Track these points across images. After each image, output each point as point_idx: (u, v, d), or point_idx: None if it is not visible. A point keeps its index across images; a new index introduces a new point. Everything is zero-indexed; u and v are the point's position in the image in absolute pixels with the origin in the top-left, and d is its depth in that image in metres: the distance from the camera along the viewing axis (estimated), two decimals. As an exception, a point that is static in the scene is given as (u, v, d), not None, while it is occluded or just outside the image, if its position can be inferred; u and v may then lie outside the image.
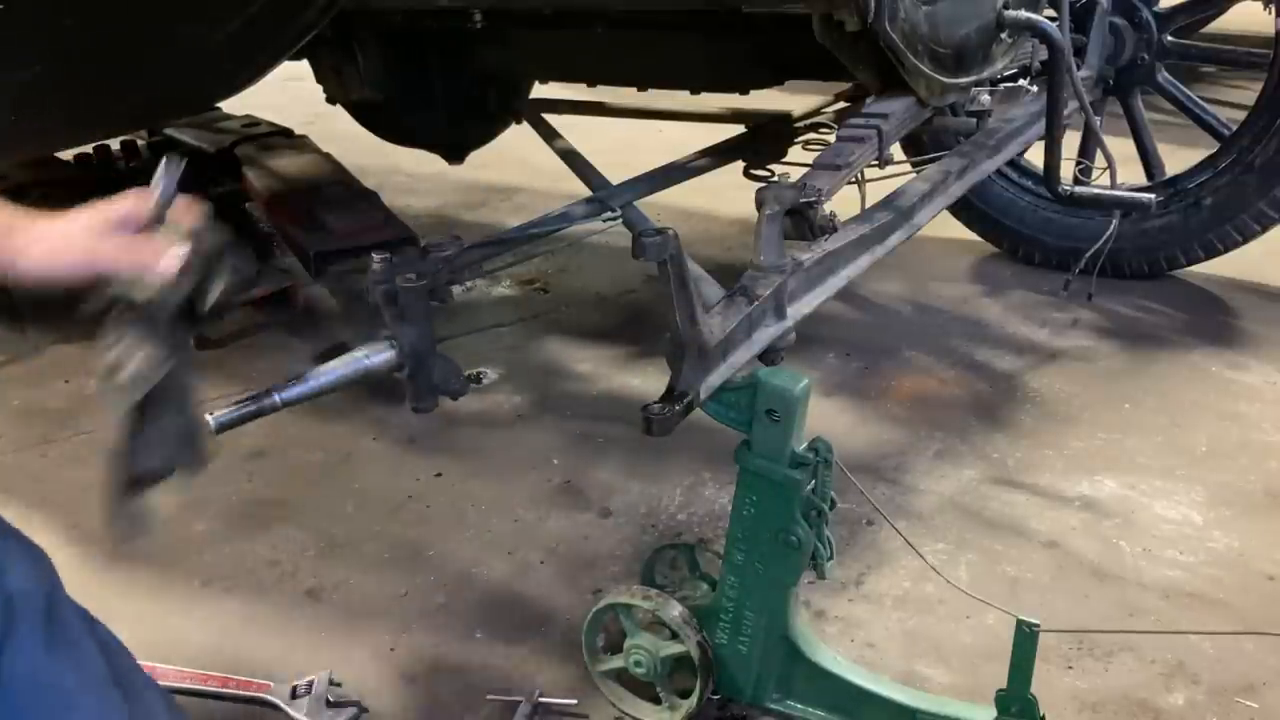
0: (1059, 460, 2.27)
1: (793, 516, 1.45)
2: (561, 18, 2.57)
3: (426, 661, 1.77)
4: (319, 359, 1.56)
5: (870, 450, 2.33)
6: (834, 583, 1.88)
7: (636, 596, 1.58)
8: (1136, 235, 2.96)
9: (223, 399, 1.33)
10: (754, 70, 2.65)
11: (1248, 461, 2.25)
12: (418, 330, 1.58)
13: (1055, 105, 2.27)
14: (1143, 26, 2.96)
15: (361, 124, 3.59)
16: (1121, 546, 2.00)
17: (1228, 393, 2.52)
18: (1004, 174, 3.12)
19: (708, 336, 1.46)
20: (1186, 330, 2.84)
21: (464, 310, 3.06)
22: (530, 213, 3.29)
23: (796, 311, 1.68)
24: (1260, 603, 1.85)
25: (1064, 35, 2.30)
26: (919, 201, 2.07)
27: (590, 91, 3.16)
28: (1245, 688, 1.66)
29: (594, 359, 2.79)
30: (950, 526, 2.07)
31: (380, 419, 2.47)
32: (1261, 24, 2.96)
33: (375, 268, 1.62)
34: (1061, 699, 1.64)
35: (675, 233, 1.36)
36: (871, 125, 1.96)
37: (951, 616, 1.83)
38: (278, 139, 3.43)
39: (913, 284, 3.16)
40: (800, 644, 1.55)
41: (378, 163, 3.96)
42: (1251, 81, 3.11)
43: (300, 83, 3.61)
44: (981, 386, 2.59)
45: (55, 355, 2.87)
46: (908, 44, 1.92)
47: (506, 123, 3.36)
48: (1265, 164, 2.80)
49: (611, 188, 2.43)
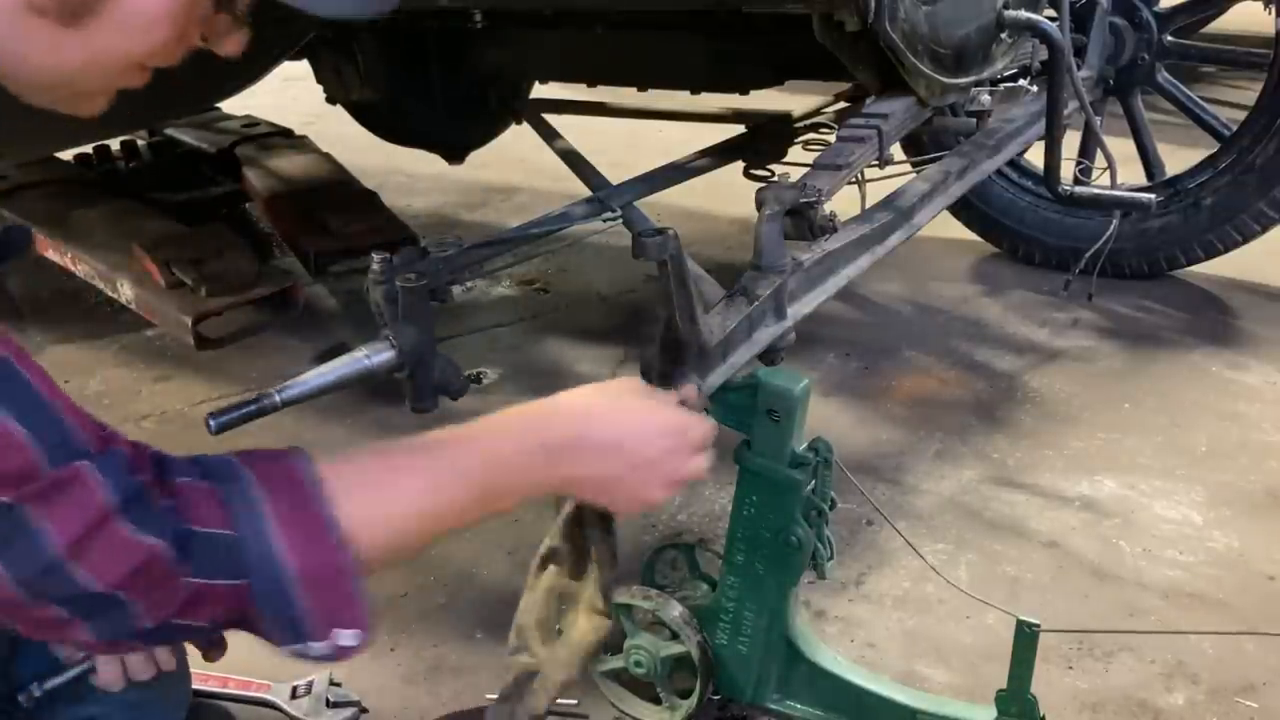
0: (1059, 460, 2.27)
1: (793, 516, 1.45)
2: (561, 18, 2.57)
3: (426, 661, 1.77)
4: (319, 359, 1.56)
5: (870, 450, 2.33)
6: (834, 583, 1.88)
7: (637, 596, 1.58)
8: (1136, 235, 2.96)
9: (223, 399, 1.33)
10: (754, 70, 2.65)
11: (1248, 461, 2.25)
12: (418, 330, 1.58)
13: (1055, 105, 2.27)
14: (1143, 26, 2.96)
15: (361, 124, 3.58)
16: (1121, 546, 2.00)
17: (1228, 393, 2.52)
18: (1004, 174, 3.12)
19: (708, 336, 1.46)
20: (1186, 330, 2.84)
21: (464, 310, 3.06)
22: (530, 213, 3.28)
23: (796, 311, 1.68)
24: (1260, 603, 1.85)
25: (1064, 35, 2.30)
26: (919, 201, 2.07)
27: (590, 91, 3.16)
28: (1245, 688, 1.66)
29: (594, 359, 2.79)
30: (950, 526, 2.07)
31: (380, 419, 2.47)
32: (1261, 24, 2.96)
33: (375, 268, 1.62)
34: (1061, 699, 1.64)
35: (675, 232, 1.36)
36: (871, 125, 1.96)
37: (951, 616, 1.83)
38: (278, 139, 3.42)
39: (913, 284, 3.16)
40: (800, 644, 1.55)
41: (378, 163, 3.96)
42: (1251, 81, 3.11)
43: (300, 83, 3.62)
44: (981, 386, 2.59)
45: (55, 355, 2.87)
46: (908, 44, 1.92)
47: (506, 123, 3.35)
48: (1265, 164, 2.80)
49: (611, 188, 2.43)
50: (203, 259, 2.44)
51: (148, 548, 0.85)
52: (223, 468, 0.93)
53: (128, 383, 2.71)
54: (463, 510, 1.04)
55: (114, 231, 2.69)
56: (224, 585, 0.89)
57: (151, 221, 2.76)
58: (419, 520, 1.02)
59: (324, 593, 0.93)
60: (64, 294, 3.12)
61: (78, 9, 0.82)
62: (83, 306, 3.09)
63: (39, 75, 0.86)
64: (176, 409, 2.57)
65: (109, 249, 2.63)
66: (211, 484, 0.91)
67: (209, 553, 0.88)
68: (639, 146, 3.41)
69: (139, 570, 0.85)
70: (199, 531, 0.88)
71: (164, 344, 2.85)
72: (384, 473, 1.02)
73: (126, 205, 2.88)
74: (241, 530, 0.89)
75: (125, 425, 2.51)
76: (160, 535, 0.86)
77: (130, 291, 2.51)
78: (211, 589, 0.89)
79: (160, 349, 2.85)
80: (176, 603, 0.88)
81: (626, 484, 1.11)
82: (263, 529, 0.90)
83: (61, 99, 0.90)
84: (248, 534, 0.89)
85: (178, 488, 0.89)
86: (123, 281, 2.52)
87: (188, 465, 0.92)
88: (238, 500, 0.90)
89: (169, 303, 2.41)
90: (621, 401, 1.14)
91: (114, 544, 0.84)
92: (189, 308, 2.35)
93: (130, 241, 2.57)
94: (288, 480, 0.93)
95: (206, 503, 0.89)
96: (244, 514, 0.90)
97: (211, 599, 0.89)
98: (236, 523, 0.89)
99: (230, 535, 0.89)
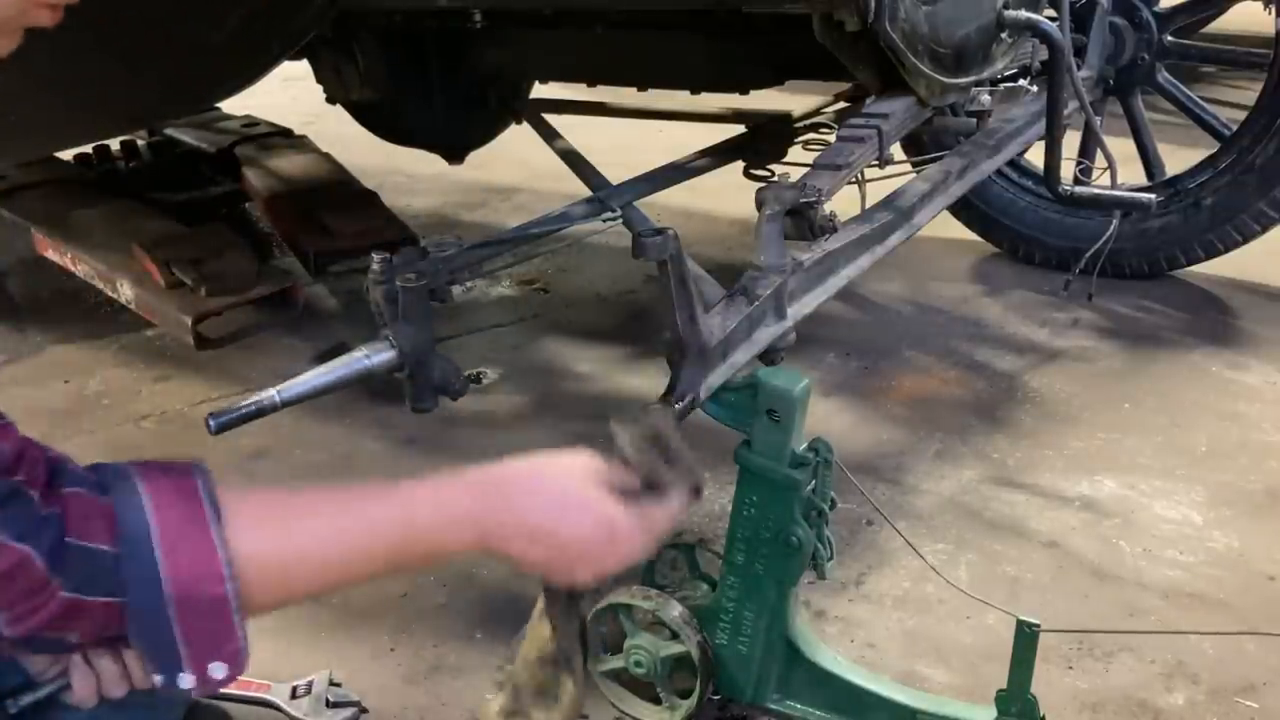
0: (1059, 460, 2.27)
1: (793, 516, 1.45)
2: (561, 18, 2.57)
3: (426, 661, 1.77)
4: (319, 359, 1.56)
5: (870, 450, 2.33)
6: (834, 583, 1.88)
7: (637, 597, 1.58)
8: (1136, 235, 2.96)
9: (223, 399, 1.33)
10: (754, 70, 2.65)
11: (1248, 461, 2.25)
12: (418, 330, 1.58)
13: (1055, 105, 2.27)
14: (1143, 26, 2.96)
15: (361, 124, 3.58)
16: (1121, 546, 2.00)
17: (1228, 393, 2.52)
18: (1004, 174, 3.12)
19: (708, 336, 1.46)
20: (1186, 330, 2.84)
21: (464, 310, 3.06)
22: (530, 213, 3.28)
23: (796, 311, 1.68)
24: (1260, 603, 1.85)
25: (1064, 35, 2.30)
26: (919, 201, 2.08)
27: (590, 91, 3.16)
28: (1245, 688, 1.66)
29: (594, 359, 2.79)
30: (950, 526, 2.07)
31: (380, 419, 2.47)
32: (1261, 24, 2.96)
33: (375, 268, 1.62)
34: (1061, 699, 1.64)
35: (675, 233, 1.37)
36: (871, 125, 1.96)
37: (951, 616, 1.83)
38: (278, 139, 3.42)
39: (913, 284, 3.16)
40: (800, 644, 1.54)
41: (378, 163, 3.96)
42: (1251, 81, 3.11)
43: (300, 83, 3.62)
44: (981, 386, 2.59)
45: (55, 355, 2.87)
46: (908, 44, 1.92)
47: (506, 123, 3.35)
48: (1265, 164, 2.80)
49: (611, 188, 2.43)
50: (203, 259, 2.44)
51: (17, 553, 0.82)
52: (117, 480, 0.90)
53: (128, 383, 2.71)
54: (368, 563, 1.01)
55: (114, 231, 2.69)
56: (98, 602, 0.86)
57: (151, 221, 2.77)
58: (314, 564, 0.98)
59: (202, 621, 0.89)
60: (64, 294, 3.12)
61: None
62: (83, 306, 3.08)
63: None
64: (176, 409, 2.57)
65: (109, 249, 2.63)
66: (100, 497, 0.88)
67: (85, 567, 0.85)
68: (639, 146, 3.40)
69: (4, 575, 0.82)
70: (77, 545, 0.85)
71: (164, 344, 2.85)
72: (287, 510, 0.99)
73: (126, 205, 2.89)
74: (123, 548, 0.87)
75: (125, 425, 2.51)
76: (34, 543, 0.83)
77: (130, 291, 2.51)
78: (85, 604, 0.86)
79: (160, 349, 2.85)
80: (47, 614, 0.85)
81: (554, 567, 1.10)
82: (146, 549, 0.87)
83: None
84: (129, 552, 0.87)
85: (66, 497, 0.87)
86: (123, 281, 2.53)
87: (82, 475, 0.90)
88: (125, 515, 0.88)
89: (169, 303, 2.41)
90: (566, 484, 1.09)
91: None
92: (189, 308, 2.35)
93: (130, 241, 2.58)
94: (184, 497, 0.91)
95: (92, 515, 0.87)
96: (129, 531, 0.87)
97: (86, 614, 0.86)
98: (120, 539, 0.87)
99: (110, 552, 0.86)
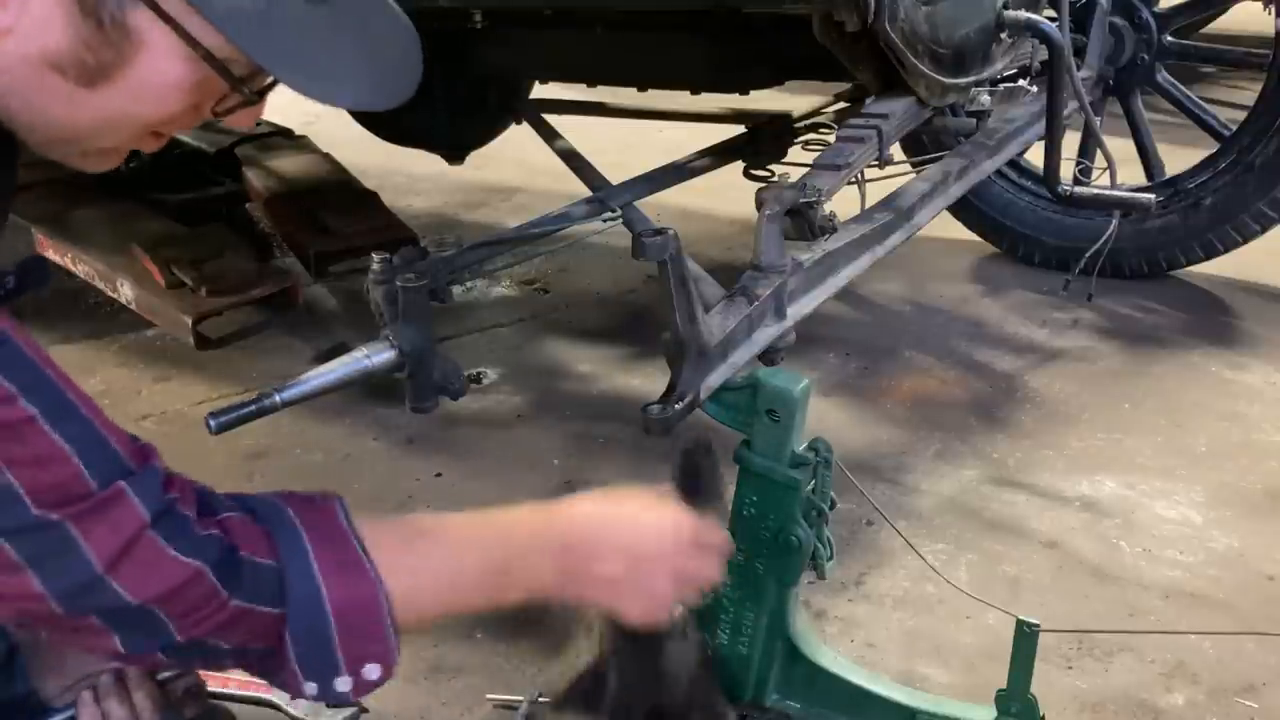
0: (1059, 460, 2.27)
1: (793, 516, 1.45)
2: (561, 18, 2.57)
3: (426, 661, 1.77)
4: (319, 359, 1.57)
5: (870, 450, 2.33)
6: (834, 583, 1.88)
7: (636, 596, 1.58)
8: (1136, 235, 2.96)
9: (223, 399, 1.34)
10: (754, 70, 2.65)
11: (1248, 461, 2.25)
12: (418, 330, 1.58)
13: (1055, 105, 2.27)
14: (1142, 26, 2.96)
15: (361, 124, 3.59)
16: (1121, 546, 2.00)
17: (1228, 393, 2.52)
18: (1004, 174, 3.12)
19: (708, 336, 1.46)
20: (1186, 330, 2.84)
21: (464, 310, 3.06)
22: (530, 213, 3.28)
23: (796, 311, 1.68)
24: (1260, 603, 1.85)
25: (1064, 35, 2.30)
26: (919, 201, 2.07)
27: (590, 91, 3.16)
28: (1245, 688, 1.66)
29: (594, 359, 2.79)
30: (950, 526, 2.07)
31: (380, 419, 2.47)
32: (1261, 24, 2.96)
33: (375, 268, 1.62)
34: (1061, 699, 1.64)
35: (675, 233, 1.37)
36: (871, 125, 1.96)
37: (951, 616, 1.83)
38: (278, 139, 3.42)
39: (913, 284, 3.16)
40: (800, 644, 1.54)
41: (378, 163, 3.96)
42: (1251, 81, 3.11)
43: (300, 83, 3.61)
44: (981, 386, 2.59)
45: (55, 355, 2.83)
46: (908, 44, 1.92)
47: (506, 123, 3.35)
48: (1265, 164, 2.80)
49: (611, 188, 2.43)
50: (203, 259, 2.44)
51: (192, 568, 0.89)
52: (265, 505, 0.98)
53: (128, 383, 2.71)
54: (476, 588, 1.06)
55: (114, 231, 2.69)
56: (265, 612, 0.93)
57: (151, 222, 2.77)
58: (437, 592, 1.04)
59: (358, 628, 0.96)
60: (64, 294, 3.11)
61: (94, 73, 0.85)
62: (83, 306, 3.08)
63: (54, 130, 0.90)
64: (176, 409, 2.57)
65: (109, 249, 2.63)
66: (256, 518, 0.96)
67: (254, 578, 0.92)
68: (639, 146, 3.41)
69: (180, 588, 0.88)
70: (247, 557, 0.92)
71: (164, 344, 2.85)
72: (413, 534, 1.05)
73: (126, 205, 2.89)
74: (285, 561, 0.94)
75: (125, 425, 2.50)
76: (205, 557, 0.90)
77: (130, 291, 2.51)
78: (252, 613, 0.92)
79: (160, 349, 2.85)
80: (214, 623, 0.91)
81: (637, 584, 1.12)
82: (306, 564, 0.94)
83: (74, 155, 0.94)
84: (291, 566, 0.94)
85: (224, 520, 0.94)
86: (123, 281, 2.53)
87: (231, 501, 0.98)
88: (281, 534, 0.95)
89: (169, 303, 2.41)
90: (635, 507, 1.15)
91: (150, 561, 0.87)
92: (189, 308, 2.35)
93: (130, 242, 2.58)
94: (327, 521, 0.98)
95: (253, 534, 0.94)
96: (287, 547, 0.94)
97: (249, 623, 0.93)
98: (280, 554, 0.94)
99: (275, 565, 0.93)
